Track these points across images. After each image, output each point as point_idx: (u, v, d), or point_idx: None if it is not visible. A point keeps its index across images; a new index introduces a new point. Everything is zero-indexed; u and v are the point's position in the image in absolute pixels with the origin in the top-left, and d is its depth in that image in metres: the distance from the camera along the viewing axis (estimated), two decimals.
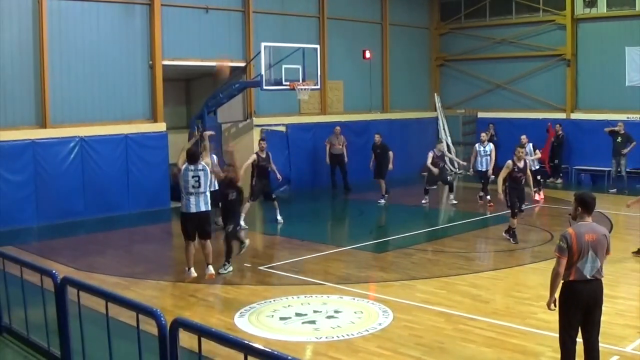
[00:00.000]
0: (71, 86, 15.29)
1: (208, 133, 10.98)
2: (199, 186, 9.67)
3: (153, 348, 4.75)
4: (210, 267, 10.02)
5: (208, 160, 10.02)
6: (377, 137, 17.35)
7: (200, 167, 9.72)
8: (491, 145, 16.45)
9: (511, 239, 12.36)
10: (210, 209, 10.01)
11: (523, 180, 12.44)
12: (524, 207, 12.49)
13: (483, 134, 17.11)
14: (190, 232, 9.90)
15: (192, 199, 9.69)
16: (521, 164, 12.35)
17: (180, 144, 18.13)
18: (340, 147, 19.10)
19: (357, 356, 7.12)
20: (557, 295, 6.01)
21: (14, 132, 14.29)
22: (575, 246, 5.80)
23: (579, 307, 5.88)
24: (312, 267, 11.10)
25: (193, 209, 9.71)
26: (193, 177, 9.64)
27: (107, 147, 15.61)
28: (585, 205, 5.99)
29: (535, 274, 10.19)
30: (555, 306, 6.01)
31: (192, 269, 9.97)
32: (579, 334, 6.02)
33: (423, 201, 16.68)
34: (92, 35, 15.56)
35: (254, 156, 14.37)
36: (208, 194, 9.81)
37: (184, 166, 9.70)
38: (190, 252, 9.92)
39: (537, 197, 16.57)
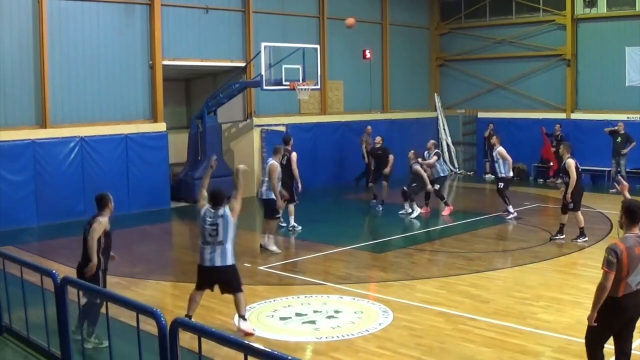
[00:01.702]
0: (71, 86, 15.30)
1: (242, 167, 8.38)
2: (216, 235, 7.73)
3: (153, 348, 4.75)
4: (242, 321, 7.88)
5: (236, 206, 7.89)
6: (378, 139, 16.79)
7: (220, 212, 7.76)
8: (498, 148, 14.88)
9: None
10: (231, 262, 7.85)
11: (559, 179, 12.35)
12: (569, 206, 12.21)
13: (493, 138, 15.62)
14: (203, 285, 7.99)
15: (207, 250, 7.78)
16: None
17: (180, 144, 18.24)
18: (371, 146, 19.28)
19: (357, 356, 7.12)
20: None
21: (14, 132, 14.29)
22: (627, 261, 5.47)
23: (622, 321, 5.63)
24: (312, 267, 11.10)
25: (206, 263, 7.80)
26: (210, 224, 7.76)
27: (107, 147, 15.61)
28: (630, 215, 5.67)
29: (535, 274, 10.20)
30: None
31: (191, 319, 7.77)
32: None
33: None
34: (92, 35, 15.56)
35: (295, 155, 13.50)
36: (230, 245, 7.81)
37: (203, 208, 7.89)
38: (194, 300, 8.00)
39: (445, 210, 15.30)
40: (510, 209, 14.76)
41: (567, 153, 12.29)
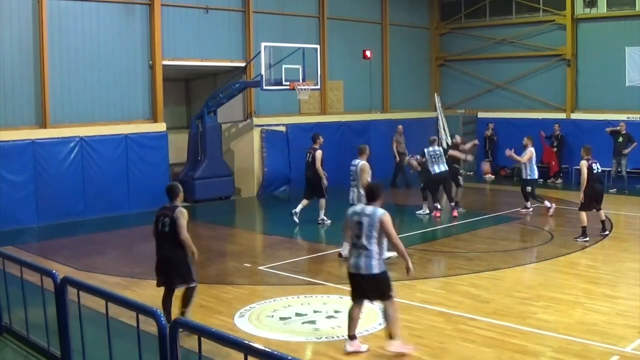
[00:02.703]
0: (71, 86, 15.31)
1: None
2: (360, 236, 6.91)
3: (153, 348, 4.75)
4: (393, 342, 7.04)
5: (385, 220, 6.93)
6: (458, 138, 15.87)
7: (368, 210, 6.95)
8: (528, 149, 14.93)
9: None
10: (378, 271, 6.91)
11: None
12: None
13: (525, 139, 15.31)
14: (355, 295, 7.15)
15: (354, 253, 7.00)
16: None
17: (180, 144, 18.25)
18: (403, 145, 19.74)
19: (357, 356, 7.11)
20: None
21: (14, 132, 14.30)
22: None
23: None
24: (312, 267, 11.10)
25: (351, 268, 7.02)
26: (357, 222, 6.96)
27: (107, 147, 15.62)
28: None
29: (535, 274, 10.21)
30: None
31: (356, 341, 7.14)
32: None
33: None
34: (92, 35, 15.57)
35: (320, 152, 14.13)
36: (374, 250, 6.88)
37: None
38: (351, 318, 7.15)
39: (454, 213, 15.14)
40: (529, 204, 15.43)
41: (585, 155, 12.57)
